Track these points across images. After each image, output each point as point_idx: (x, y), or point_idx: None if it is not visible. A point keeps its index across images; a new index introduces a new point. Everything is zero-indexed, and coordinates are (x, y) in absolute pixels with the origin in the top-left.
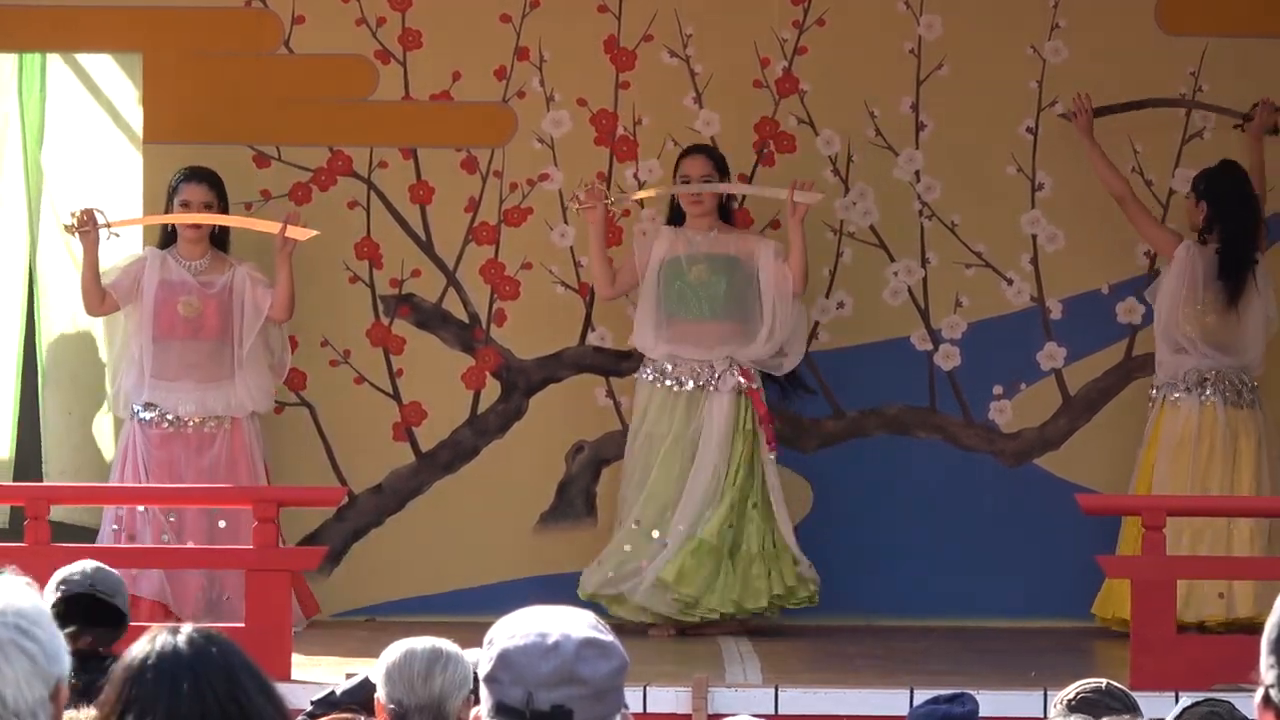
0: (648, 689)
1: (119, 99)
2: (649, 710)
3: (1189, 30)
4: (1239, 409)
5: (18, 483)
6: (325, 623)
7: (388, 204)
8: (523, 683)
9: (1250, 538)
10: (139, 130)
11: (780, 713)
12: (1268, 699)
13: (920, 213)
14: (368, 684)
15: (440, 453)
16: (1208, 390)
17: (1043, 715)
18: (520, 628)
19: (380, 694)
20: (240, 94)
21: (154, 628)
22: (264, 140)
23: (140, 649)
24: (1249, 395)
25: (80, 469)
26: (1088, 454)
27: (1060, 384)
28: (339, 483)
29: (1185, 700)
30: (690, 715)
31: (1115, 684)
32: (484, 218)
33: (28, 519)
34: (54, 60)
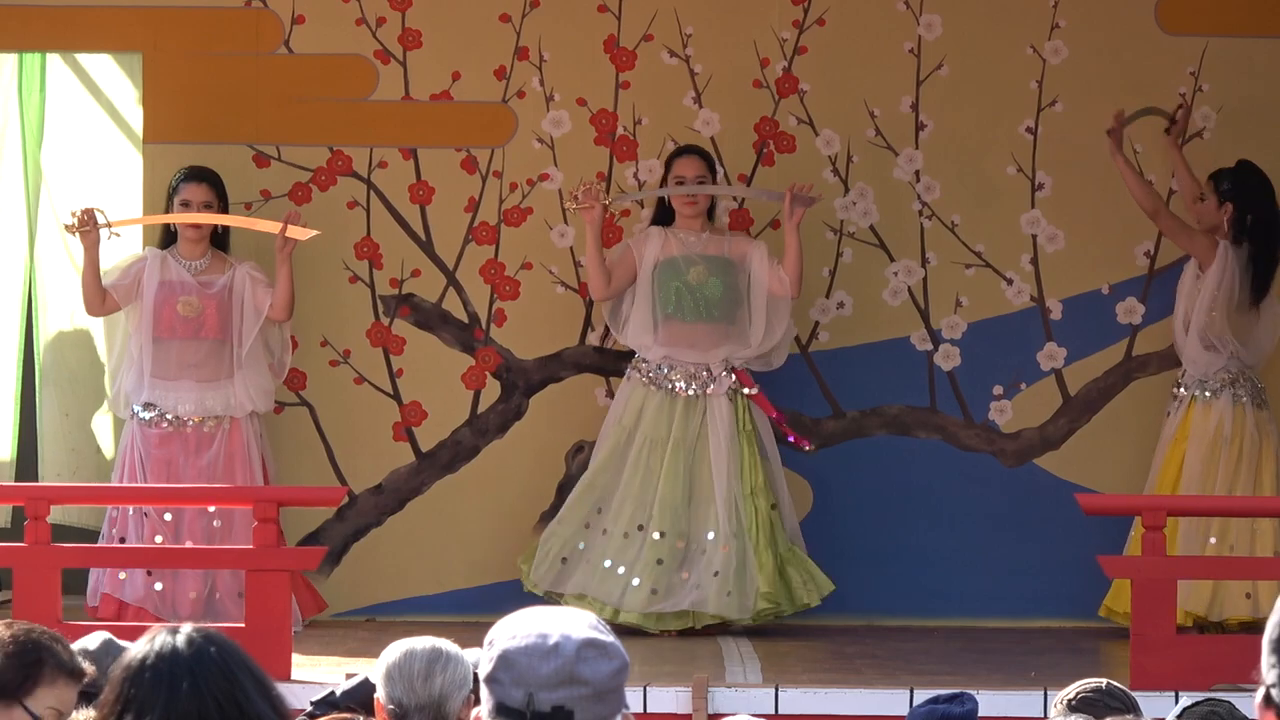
0: (648, 689)
1: (119, 99)
2: (649, 710)
3: (1189, 30)
4: (1260, 409)
5: (30, 474)
6: (325, 623)
7: (388, 204)
8: (523, 683)
9: (1275, 537)
10: (139, 130)
11: (780, 713)
12: (1268, 699)
13: (920, 213)
14: (367, 684)
15: (440, 453)
16: (1238, 390)
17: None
18: (521, 628)
19: (380, 694)
20: (240, 94)
21: (154, 628)
22: (264, 140)
23: (139, 649)
24: (1262, 395)
25: (77, 471)
26: (1088, 454)
27: (1060, 384)
28: (339, 483)
29: (1185, 700)
30: (690, 715)
31: (1115, 684)
32: (484, 218)
33: (28, 519)
34: (54, 60)
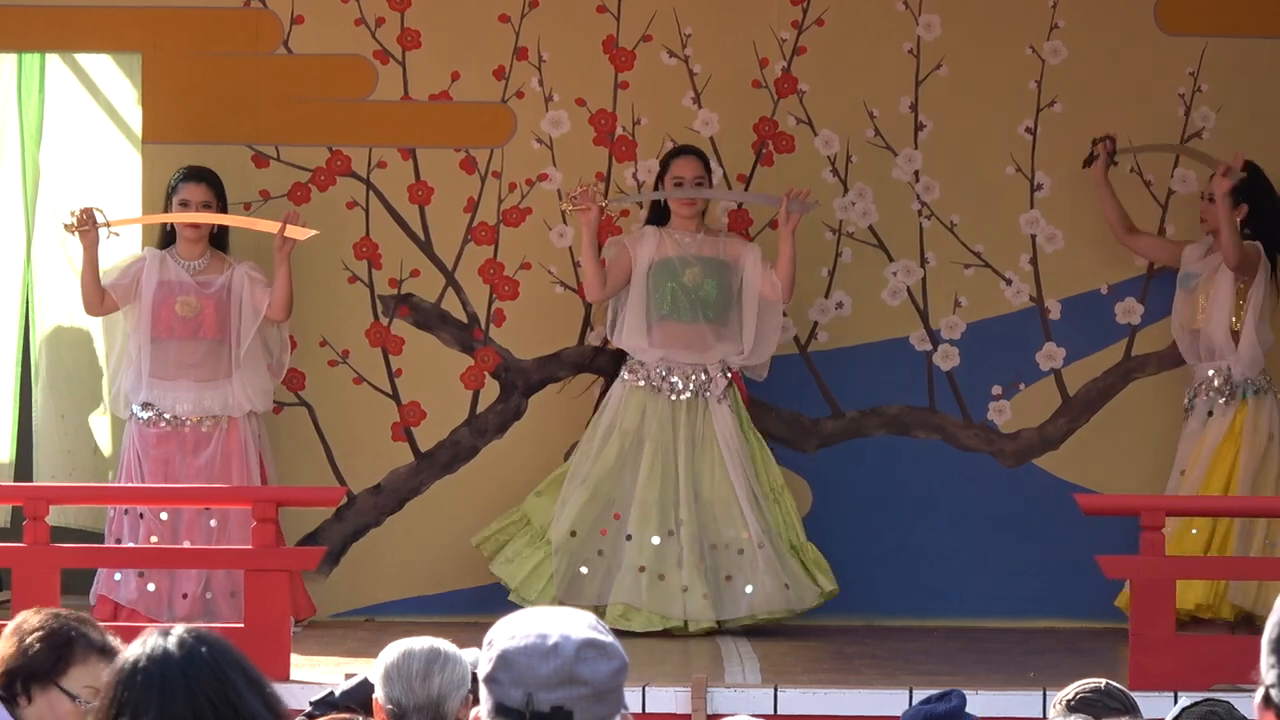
0: (647, 689)
1: (118, 99)
2: (648, 710)
3: (1189, 30)
4: None
5: (25, 476)
6: (324, 623)
7: (387, 204)
8: (523, 684)
9: None
10: (138, 130)
11: (779, 713)
12: (1267, 699)
13: (919, 213)
14: (367, 685)
15: (439, 453)
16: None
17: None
18: (520, 628)
19: (378, 694)
20: (239, 94)
21: (147, 629)
22: (263, 140)
23: (131, 652)
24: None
25: (73, 473)
26: (1087, 454)
27: (1059, 384)
28: (338, 483)
29: (1184, 700)
30: (690, 715)
31: (1114, 684)
32: (483, 218)
33: (27, 519)
34: (53, 60)
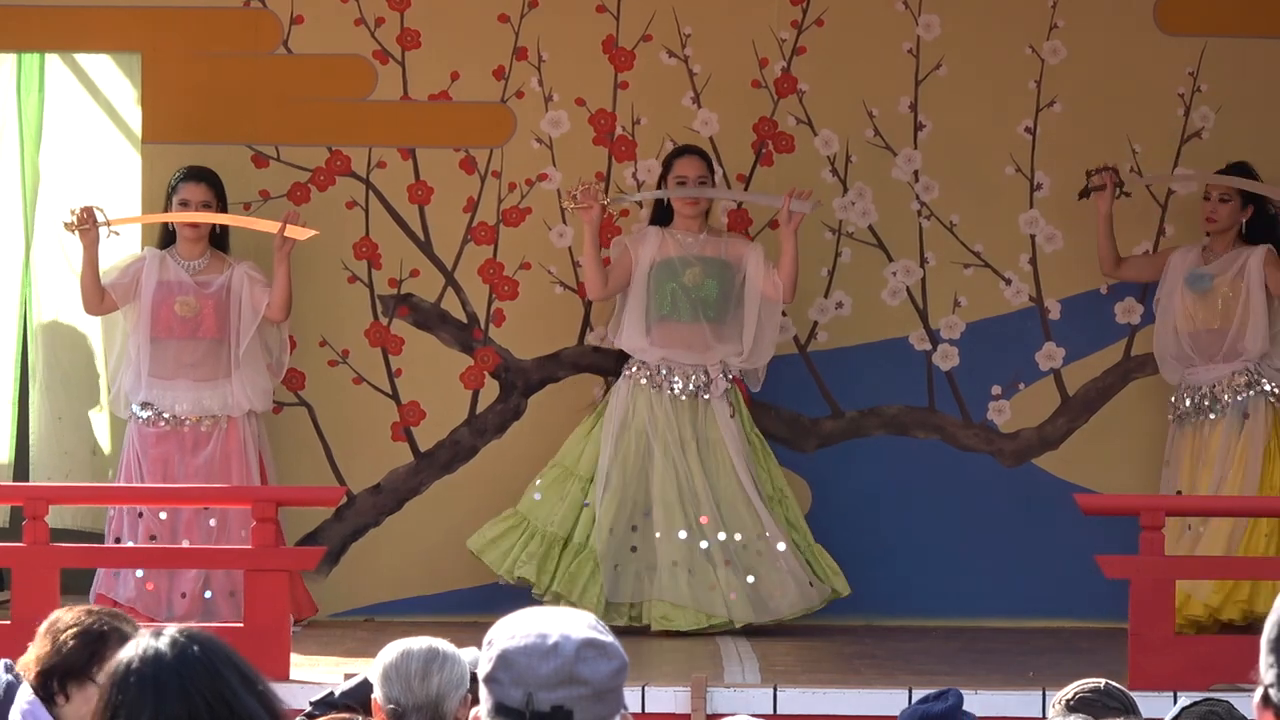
0: (647, 689)
1: (118, 99)
2: (648, 710)
3: (1188, 30)
4: None
5: (21, 477)
6: (324, 623)
7: (386, 204)
8: (523, 683)
9: None
10: (138, 130)
11: (779, 713)
12: (1266, 698)
13: (919, 213)
14: (367, 685)
15: (439, 453)
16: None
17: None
18: (520, 628)
19: (377, 694)
20: (239, 94)
21: (140, 631)
22: (263, 140)
23: (125, 654)
24: None
25: (69, 474)
26: (1086, 454)
27: (1059, 384)
28: (337, 483)
29: (1184, 700)
30: (689, 715)
31: (1114, 684)
32: (482, 218)
33: (27, 519)
34: (53, 60)
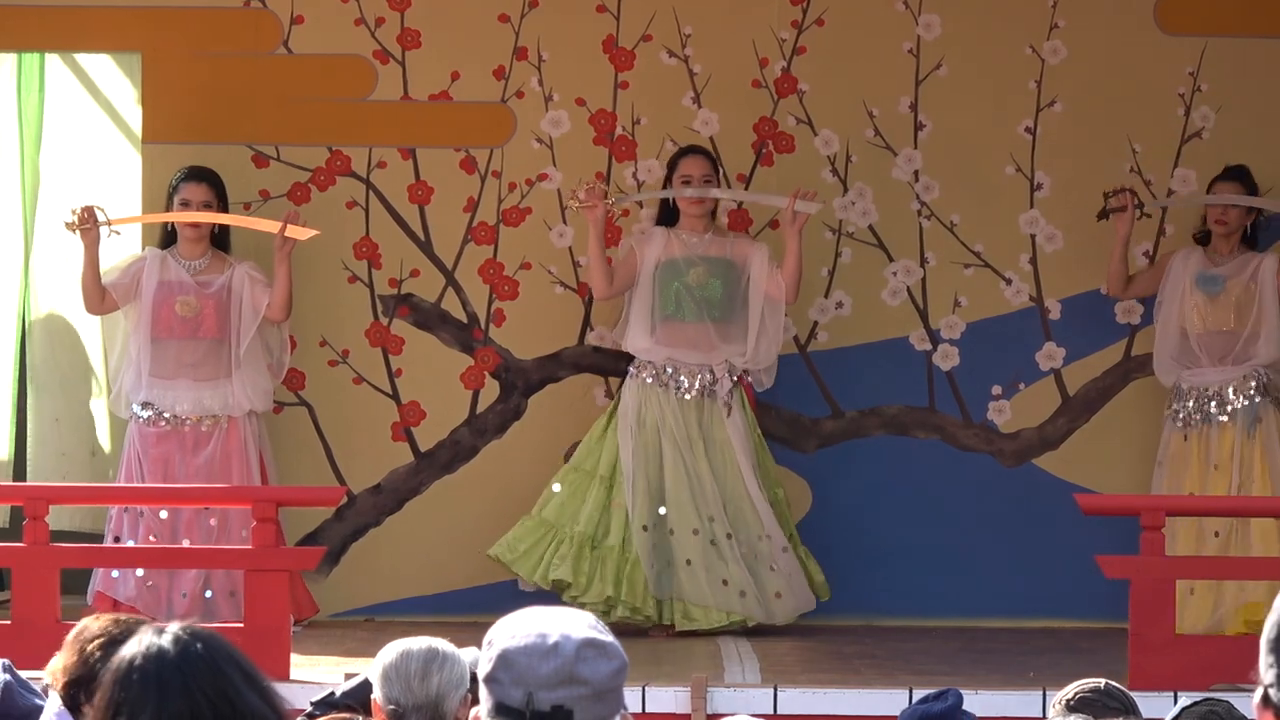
0: (647, 689)
1: (118, 99)
2: (648, 710)
3: (1188, 30)
4: None
5: (18, 480)
6: (324, 623)
7: (386, 204)
8: (523, 683)
9: None
10: (138, 130)
11: (779, 713)
12: (1266, 698)
13: (919, 213)
14: (367, 685)
15: (439, 453)
16: None
17: (1041, 715)
18: (520, 628)
19: (377, 694)
20: (239, 94)
21: (141, 628)
22: (263, 140)
23: (127, 651)
24: None
25: (66, 475)
26: (1087, 454)
27: (1059, 384)
28: (338, 483)
29: (1184, 700)
30: (689, 715)
31: (1114, 684)
32: (483, 218)
33: (27, 519)
34: (53, 60)
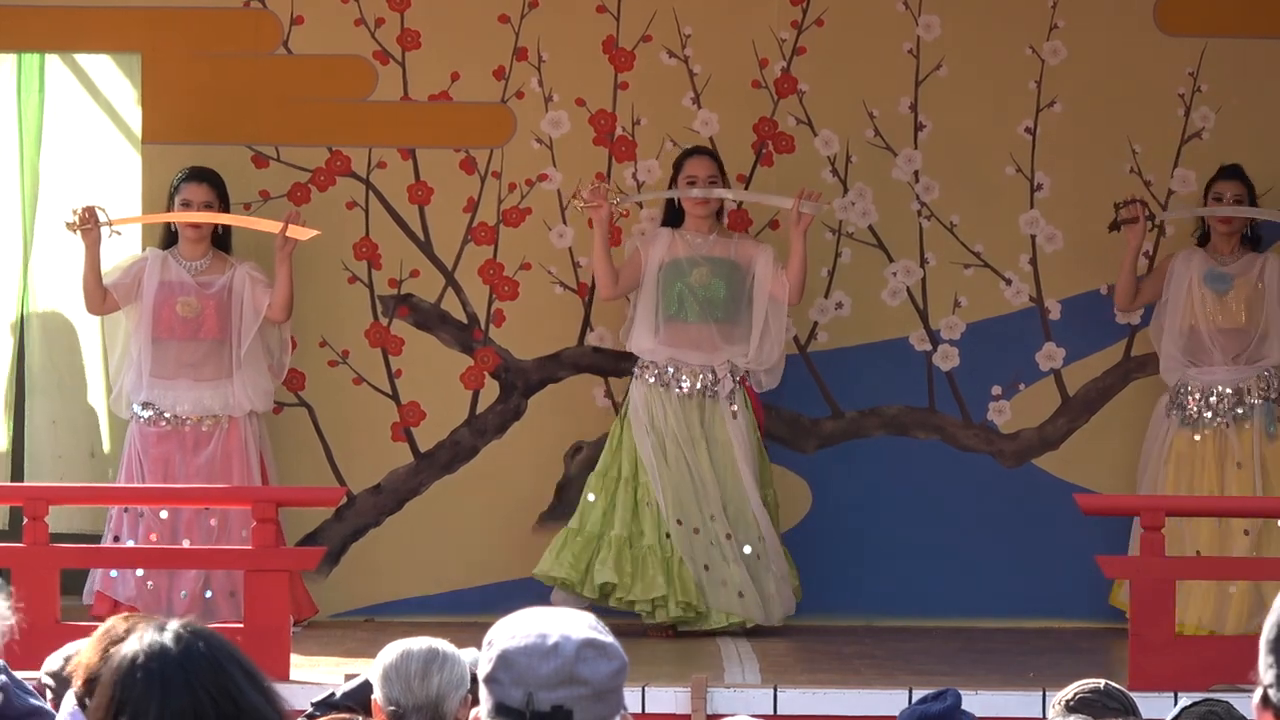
0: (647, 689)
1: (118, 99)
2: (648, 710)
3: (1188, 30)
4: None
5: (15, 483)
6: (324, 623)
7: (386, 204)
8: (523, 683)
9: None
10: (138, 130)
11: (779, 713)
12: (1266, 699)
13: (919, 213)
14: (368, 685)
15: (439, 453)
16: None
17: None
18: (520, 628)
19: (377, 695)
20: (239, 94)
21: (140, 625)
22: (263, 140)
23: (129, 648)
24: None
25: (64, 477)
26: (1086, 454)
27: (1059, 384)
28: (338, 483)
29: (1184, 700)
30: (689, 715)
31: (1114, 685)
32: (483, 218)
33: (26, 519)
34: (53, 60)
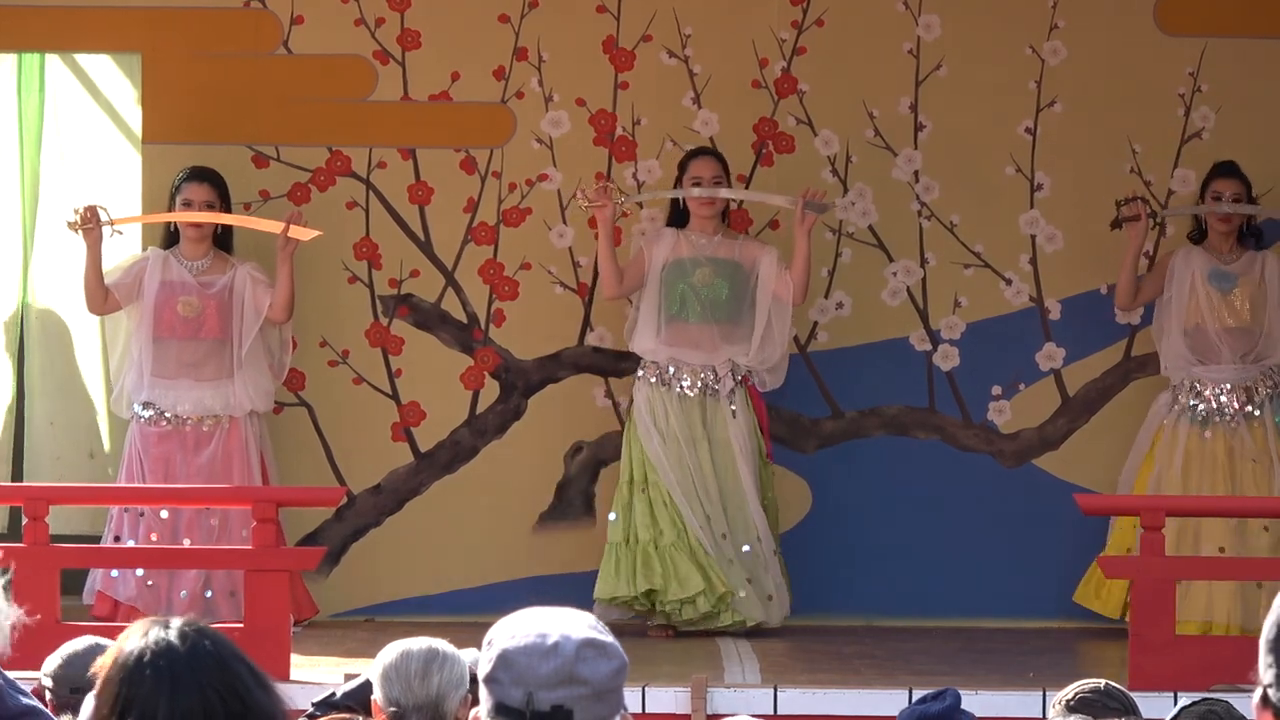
0: (647, 689)
1: (118, 99)
2: (648, 710)
3: (1188, 30)
4: None
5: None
6: (324, 623)
7: (386, 204)
8: (523, 683)
9: None
10: (138, 131)
11: (779, 713)
12: (1265, 699)
13: (919, 213)
14: (367, 685)
15: (439, 453)
16: None
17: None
18: (520, 628)
19: (377, 695)
20: (239, 94)
21: (141, 622)
22: (263, 140)
23: (133, 646)
24: None
25: (62, 478)
26: (1087, 454)
27: (1059, 384)
28: (338, 483)
29: (1183, 700)
30: (689, 715)
31: (1114, 684)
32: (483, 218)
33: (27, 520)
34: (53, 60)
